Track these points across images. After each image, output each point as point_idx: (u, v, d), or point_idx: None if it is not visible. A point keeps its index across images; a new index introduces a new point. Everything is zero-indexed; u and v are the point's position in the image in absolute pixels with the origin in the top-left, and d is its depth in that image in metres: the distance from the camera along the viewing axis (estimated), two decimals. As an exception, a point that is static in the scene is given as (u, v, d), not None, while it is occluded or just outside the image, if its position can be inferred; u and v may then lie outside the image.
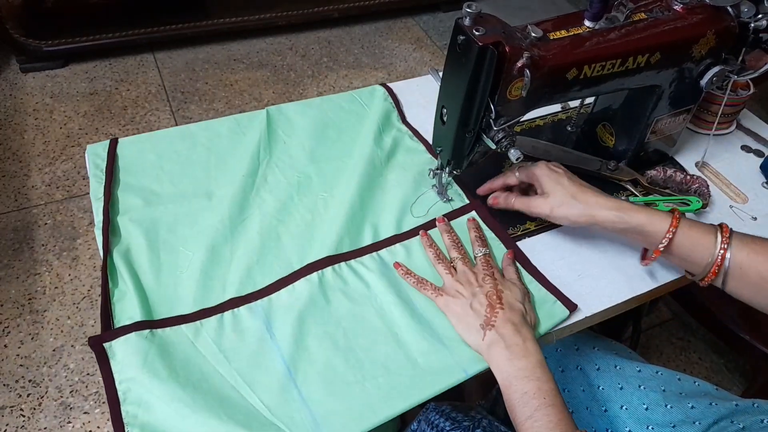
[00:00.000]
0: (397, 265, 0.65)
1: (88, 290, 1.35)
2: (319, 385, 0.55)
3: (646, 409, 0.66)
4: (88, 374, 1.20)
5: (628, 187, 0.77)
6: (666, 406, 0.66)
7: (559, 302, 0.62)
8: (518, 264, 0.67)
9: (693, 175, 0.77)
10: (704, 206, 0.73)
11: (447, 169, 0.70)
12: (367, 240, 0.68)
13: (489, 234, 0.70)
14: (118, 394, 0.53)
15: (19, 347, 1.24)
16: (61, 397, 1.17)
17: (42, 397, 1.17)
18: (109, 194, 0.70)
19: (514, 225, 0.72)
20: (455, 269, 0.64)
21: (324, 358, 0.57)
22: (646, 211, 0.60)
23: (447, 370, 0.57)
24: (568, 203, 0.62)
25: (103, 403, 1.16)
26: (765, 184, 0.81)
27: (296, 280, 0.63)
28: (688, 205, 0.72)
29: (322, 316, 0.60)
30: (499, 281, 0.61)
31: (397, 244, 0.68)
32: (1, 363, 1.21)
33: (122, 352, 0.55)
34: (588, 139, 0.84)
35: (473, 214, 0.72)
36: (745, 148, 0.87)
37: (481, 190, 0.73)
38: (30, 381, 1.19)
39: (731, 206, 0.77)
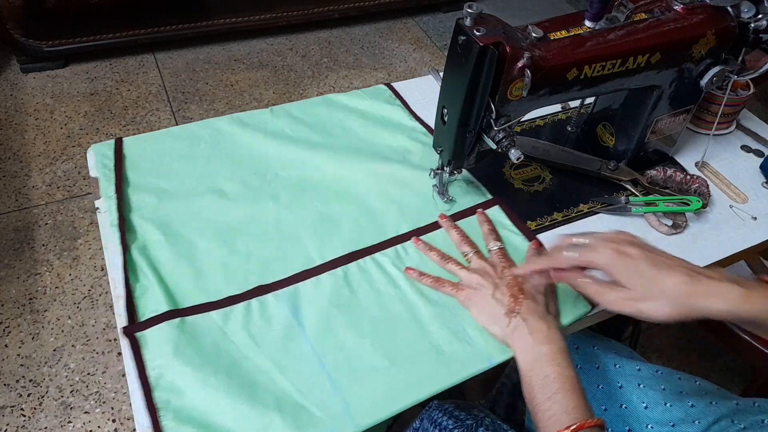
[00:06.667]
0: (408, 270, 0.65)
1: (89, 290, 1.35)
2: (348, 370, 0.57)
3: (646, 407, 0.66)
4: (88, 374, 1.21)
5: (628, 187, 0.78)
6: (665, 404, 0.66)
7: (581, 296, 0.63)
8: None
9: (693, 175, 0.77)
10: (704, 206, 0.73)
11: (447, 169, 0.71)
12: (390, 233, 0.70)
13: (511, 228, 0.71)
14: (149, 382, 0.54)
15: (19, 347, 1.24)
16: (62, 396, 1.17)
17: (42, 397, 1.17)
18: (120, 193, 0.71)
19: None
20: (468, 263, 0.65)
21: (351, 345, 0.58)
22: (760, 296, 0.48)
23: (471, 358, 0.58)
24: (656, 304, 0.49)
25: (104, 402, 1.17)
26: (765, 184, 0.81)
27: (321, 273, 0.65)
28: (688, 204, 0.73)
29: (347, 306, 0.62)
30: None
31: (421, 237, 0.69)
32: (1, 363, 1.21)
33: (154, 341, 0.57)
34: (588, 139, 0.84)
35: (496, 208, 0.74)
36: (745, 148, 0.87)
37: (521, 271, 0.61)
38: (30, 381, 1.19)
39: (731, 206, 0.77)
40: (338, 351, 0.58)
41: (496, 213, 0.73)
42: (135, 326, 0.58)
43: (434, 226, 0.71)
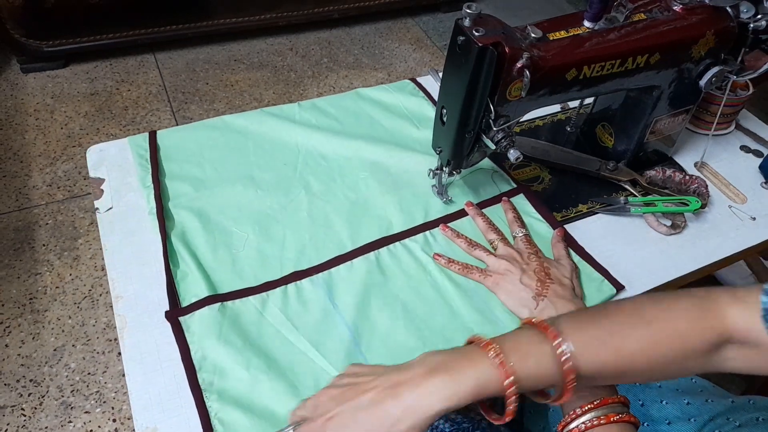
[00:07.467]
0: (437, 256, 0.67)
1: (89, 290, 1.35)
2: (383, 351, 0.58)
3: (642, 405, 0.66)
4: (89, 374, 1.21)
5: (627, 187, 0.78)
6: (661, 402, 0.65)
7: (606, 281, 0.65)
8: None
9: (692, 175, 0.77)
10: (703, 206, 0.73)
11: (446, 169, 0.71)
12: (418, 220, 0.71)
13: (535, 216, 0.73)
14: (194, 364, 0.56)
15: (20, 347, 1.24)
16: (62, 396, 1.17)
17: (43, 397, 1.17)
18: (157, 182, 0.73)
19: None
20: (494, 250, 0.67)
21: (385, 327, 0.60)
22: (467, 378, 0.42)
23: None
24: None
25: (104, 402, 1.17)
26: (764, 184, 0.81)
27: (354, 258, 0.66)
28: (687, 205, 0.73)
29: (380, 289, 0.63)
30: (543, 259, 0.64)
31: (449, 224, 0.71)
32: (2, 362, 1.22)
33: (197, 325, 0.59)
34: (587, 139, 0.84)
35: (520, 196, 0.75)
36: (744, 149, 0.87)
37: None
38: (31, 380, 1.19)
39: (730, 206, 0.77)
40: (373, 333, 0.60)
41: (520, 201, 0.75)
42: (177, 311, 0.60)
43: (461, 213, 0.73)
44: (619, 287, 0.65)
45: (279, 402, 0.54)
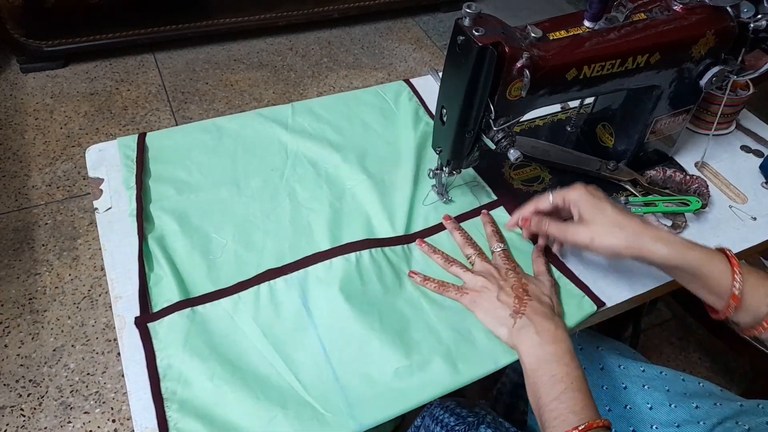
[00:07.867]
0: (412, 273, 0.65)
1: (89, 290, 1.35)
2: (354, 367, 0.57)
3: (650, 408, 0.66)
4: (88, 374, 1.21)
5: (628, 187, 0.78)
6: (670, 405, 0.65)
7: (587, 297, 0.64)
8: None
9: (692, 175, 0.77)
10: (703, 206, 0.73)
11: (446, 169, 0.71)
12: (399, 230, 0.70)
13: (516, 230, 0.71)
14: (158, 371, 0.55)
15: (19, 347, 1.24)
16: (62, 396, 1.17)
17: (42, 397, 1.17)
18: (140, 183, 0.72)
19: None
20: (472, 266, 0.65)
21: (358, 342, 0.58)
22: (700, 249, 0.55)
23: (477, 360, 0.58)
24: (611, 232, 0.57)
25: (104, 403, 1.17)
26: (764, 184, 0.81)
27: (334, 257, 0.65)
28: (688, 205, 0.73)
29: (357, 296, 0.62)
30: (522, 275, 0.62)
31: (426, 239, 0.69)
32: (1, 363, 1.21)
33: (165, 331, 0.58)
34: (587, 139, 0.84)
35: (500, 209, 0.73)
36: (745, 148, 0.87)
37: (511, 224, 0.68)
38: (30, 381, 1.19)
39: (731, 206, 0.77)
40: (345, 346, 0.58)
41: (500, 214, 0.73)
42: (146, 317, 0.59)
43: (440, 227, 0.71)
44: (600, 304, 0.63)
45: (242, 415, 0.52)
